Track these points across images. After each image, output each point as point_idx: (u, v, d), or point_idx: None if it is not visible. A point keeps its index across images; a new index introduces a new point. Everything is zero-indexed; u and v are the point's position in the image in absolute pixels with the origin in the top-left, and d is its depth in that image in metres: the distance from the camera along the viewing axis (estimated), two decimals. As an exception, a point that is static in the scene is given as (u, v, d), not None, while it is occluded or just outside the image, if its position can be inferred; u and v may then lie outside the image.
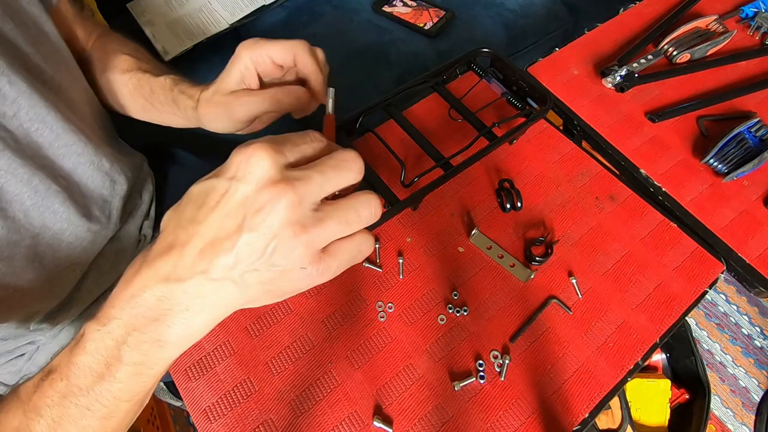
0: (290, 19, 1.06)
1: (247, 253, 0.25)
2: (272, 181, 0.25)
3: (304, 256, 0.25)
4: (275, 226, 0.24)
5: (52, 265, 0.48)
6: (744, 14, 0.73)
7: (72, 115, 0.48)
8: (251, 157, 0.25)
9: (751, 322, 1.24)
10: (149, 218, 0.67)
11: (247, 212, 0.25)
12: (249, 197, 0.25)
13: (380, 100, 0.54)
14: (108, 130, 0.58)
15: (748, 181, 0.58)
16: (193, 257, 0.25)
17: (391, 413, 0.44)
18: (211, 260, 0.25)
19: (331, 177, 0.26)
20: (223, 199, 0.25)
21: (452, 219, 0.55)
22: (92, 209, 0.52)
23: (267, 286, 0.26)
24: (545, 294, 0.50)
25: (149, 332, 0.26)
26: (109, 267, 0.59)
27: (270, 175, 0.25)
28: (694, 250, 0.54)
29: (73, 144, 0.47)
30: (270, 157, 0.25)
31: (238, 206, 0.25)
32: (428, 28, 1.01)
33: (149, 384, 0.28)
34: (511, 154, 0.60)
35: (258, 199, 0.25)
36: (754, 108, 0.64)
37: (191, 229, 0.25)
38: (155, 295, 0.26)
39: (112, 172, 0.54)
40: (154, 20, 0.99)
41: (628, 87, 0.64)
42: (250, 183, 0.25)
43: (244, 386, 0.46)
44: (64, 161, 0.47)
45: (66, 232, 0.49)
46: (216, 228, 0.25)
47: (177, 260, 0.25)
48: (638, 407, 0.92)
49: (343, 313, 0.50)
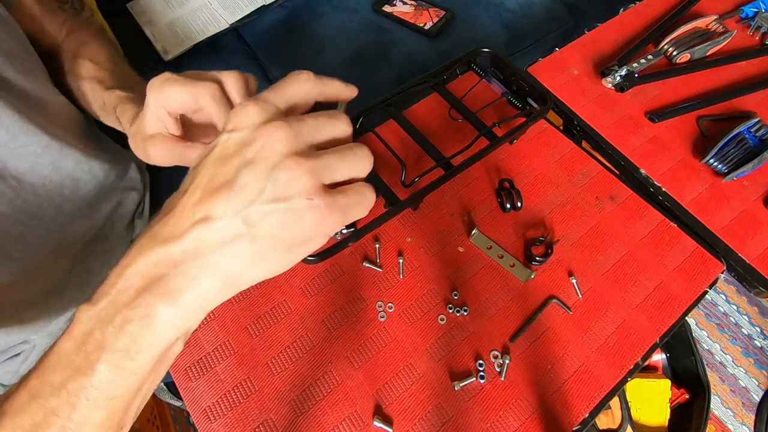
0: (290, 19, 1.06)
1: (248, 187, 0.23)
2: (267, 120, 0.25)
3: (309, 185, 0.23)
4: (275, 155, 0.23)
5: (21, 265, 0.48)
6: (744, 14, 0.73)
7: (36, 115, 0.47)
8: (245, 107, 0.25)
9: (751, 322, 1.24)
10: (143, 216, 0.67)
11: (244, 150, 0.24)
12: (245, 137, 0.24)
13: (380, 100, 0.54)
14: (82, 128, 0.56)
15: (748, 181, 0.58)
16: (189, 208, 0.23)
17: (391, 413, 0.44)
18: (209, 205, 0.23)
19: (324, 122, 0.26)
20: (217, 147, 0.25)
21: (452, 219, 0.55)
22: (45, 209, 0.50)
23: (277, 231, 0.23)
24: (545, 294, 0.50)
25: (137, 306, 0.23)
26: (99, 266, 0.59)
27: (264, 116, 0.25)
28: (694, 250, 0.54)
29: (32, 144, 0.47)
30: (263, 105, 0.25)
31: (234, 148, 0.24)
32: (428, 28, 1.01)
33: (131, 386, 0.24)
34: (511, 154, 0.60)
35: (254, 136, 0.24)
36: (754, 108, 0.64)
37: (189, 188, 0.24)
38: (149, 261, 0.23)
39: (77, 171, 0.53)
40: (154, 20, 0.99)
41: (628, 87, 0.64)
42: (245, 128, 0.24)
43: (244, 386, 0.46)
44: (20, 162, 0.46)
45: (24, 232, 0.48)
46: (211, 173, 0.24)
47: (175, 219, 0.24)
48: (638, 407, 0.92)
49: (343, 313, 0.50)
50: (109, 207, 0.59)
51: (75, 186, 0.54)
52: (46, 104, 0.50)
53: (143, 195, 0.68)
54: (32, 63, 0.49)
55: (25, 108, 0.46)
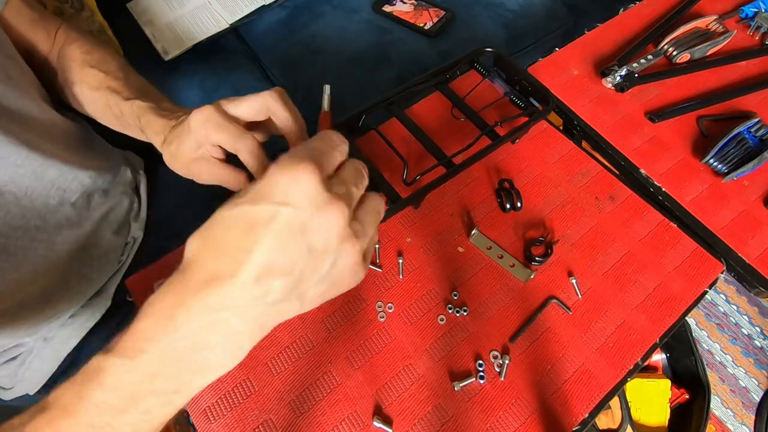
0: (290, 19, 1.06)
1: (311, 273, 0.26)
2: (324, 201, 0.25)
3: (359, 263, 0.28)
4: (335, 243, 0.26)
5: (4, 275, 0.48)
6: (744, 14, 0.73)
7: (15, 126, 0.46)
8: (297, 179, 0.25)
9: (751, 322, 1.24)
10: (138, 220, 0.66)
11: (305, 234, 0.25)
12: (304, 219, 0.25)
13: (383, 98, 0.54)
14: (67, 137, 0.56)
15: (748, 181, 0.58)
16: (247, 284, 0.24)
17: (390, 413, 0.44)
18: (270, 285, 0.25)
19: (360, 185, 0.29)
20: (273, 222, 0.24)
21: (452, 219, 0.55)
22: (30, 220, 0.50)
23: (324, 298, 0.28)
24: (545, 294, 0.50)
25: (191, 362, 0.25)
26: (95, 273, 0.58)
27: (320, 195, 0.25)
28: (694, 250, 0.54)
29: (10, 156, 0.46)
30: (316, 177, 0.25)
31: (294, 230, 0.25)
32: (428, 28, 1.01)
33: (173, 412, 0.27)
34: (511, 154, 0.60)
35: (315, 221, 0.25)
36: (754, 108, 0.64)
37: (240, 256, 0.24)
38: (201, 326, 0.25)
39: (61, 180, 0.52)
40: (154, 20, 0.99)
41: (628, 87, 0.64)
42: (302, 206, 0.25)
43: (244, 386, 0.46)
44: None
45: (6, 243, 0.48)
46: (271, 253, 0.24)
47: (229, 290, 0.24)
48: (638, 407, 0.92)
49: (343, 313, 0.50)
50: (99, 213, 0.58)
51: (61, 195, 0.53)
52: (27, 115, 0.49)
53: (138, 196, 0.68)
54: (11, 72, 0.48)
55: (6, 120, 0.45)
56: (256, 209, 0.25)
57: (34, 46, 0.54)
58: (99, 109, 0.52)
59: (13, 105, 0.47)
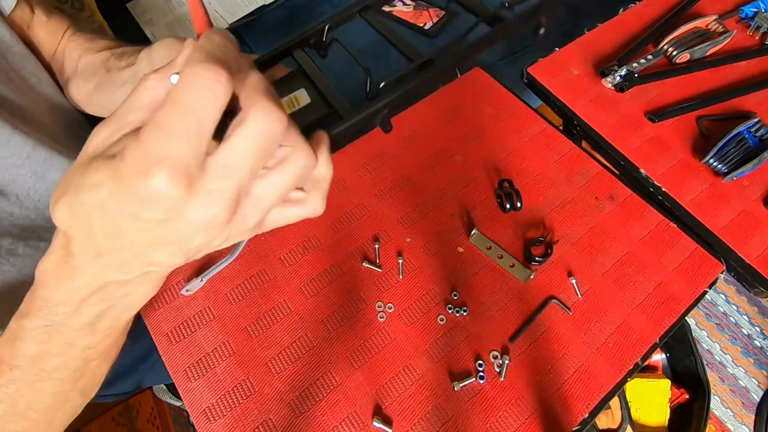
0: (290, 19, 1.06)
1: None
2: None
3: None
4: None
5: (13, 276, 0.48)
6: (744, 14, 0.73)
7: (22, 125, 0.47)
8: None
9: (751, 322, 1.24)
10: None
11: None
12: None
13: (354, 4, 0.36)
14: (71, 136, 0.56)
15: (747, 181, 0.58)
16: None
17: (390, 413, 0.44)
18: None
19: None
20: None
21: (452, 219, 0.55)
22: (35, 220, 0.50)
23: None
24: (545, 294, 0.50)
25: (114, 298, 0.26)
26: None
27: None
28: (693, 250, 0.54)
29: (11, 156, 0.47)
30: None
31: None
32: (428, 28, 1.01)
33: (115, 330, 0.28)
34: (511, 154, 0.60)
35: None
36: (754, 108, 0.64)
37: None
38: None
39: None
40: (154, 20, 0.99)
41: (628, 87, 0.64)
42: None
43: (244, 386, 0.46)
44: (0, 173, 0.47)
45: (14, 243, 0.48)
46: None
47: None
48: (638, 407, 0.92)
49: (343, 313, 0.50)
50: None
51: None
52: (31, 113, 0.49)
53: None
54: (25, 72, 0.48)
55: (11, 118, 0.45)
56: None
57: (39, 45, 0.54)
58: (84, 91, 0.51)
59: (21, 102, 0.48)
